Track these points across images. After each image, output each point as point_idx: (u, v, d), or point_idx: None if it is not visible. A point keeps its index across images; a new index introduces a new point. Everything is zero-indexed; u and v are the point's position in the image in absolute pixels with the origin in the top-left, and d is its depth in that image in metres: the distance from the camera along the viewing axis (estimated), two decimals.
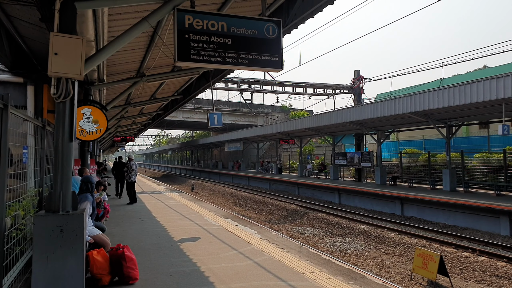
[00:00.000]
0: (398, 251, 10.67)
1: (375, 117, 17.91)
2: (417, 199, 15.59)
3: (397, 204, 16.77)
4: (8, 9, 4.88)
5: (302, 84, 33.62)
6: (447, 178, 17.07)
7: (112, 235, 7.27)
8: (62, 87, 3.71)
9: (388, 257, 10.28)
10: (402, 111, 16.23)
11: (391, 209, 17.14)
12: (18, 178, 4.33)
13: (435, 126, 17.22)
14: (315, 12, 6.28)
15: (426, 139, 27.38)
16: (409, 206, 16.31)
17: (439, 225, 14.12)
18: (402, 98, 16.41)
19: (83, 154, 9.05)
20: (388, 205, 17.40)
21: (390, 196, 17.11)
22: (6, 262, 3.53)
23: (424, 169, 22.35)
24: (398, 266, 9.38)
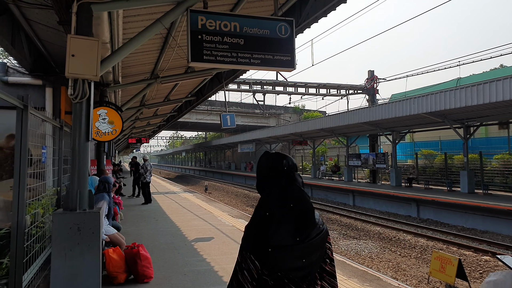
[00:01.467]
0: (414, 254, 10.50)
1: (390, 117, 17.67)
2: (434, 201, 15.34)
3: (413, 206, 16.52)
4: (28, 13, 5.02)
5: (315, 85, 33.49)
6: (465, 180, 16.71)
7: (128, 234, 7.37)
8: (79, 88, 3.80)
9: (404, 259, 10.13)
10: (418, 111, 15.97)
11: (407, 211, 16.90)
12: (38, 177, 4.44)
13: (452, 126, 16.91)
14: (328, 11, 6.26)
15: (443, 140, 26.89)
16: (425, 208, 16.05)
17: (457, 228, 13.87)
18: (417, 98, 16.16)
19: (99, 155, 9.19)
20: (403, 207, 17.16)
21: (405, 198, 16.87)
22: (26, 259, 3.63)
23: (440, 170, 21.96)
24: (415, 269, 9.22)
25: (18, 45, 5.71)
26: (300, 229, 1.55)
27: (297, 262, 1.52)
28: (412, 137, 30.77)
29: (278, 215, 1.55)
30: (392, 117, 17.55)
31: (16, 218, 3.34)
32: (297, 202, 1.60)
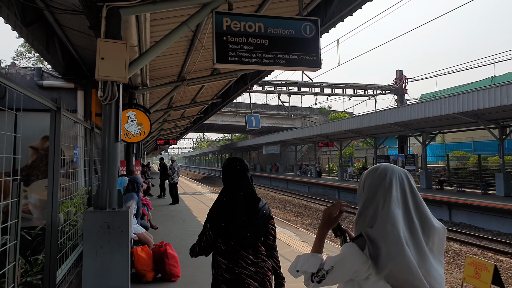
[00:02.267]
0: (446, 259, 10.17)
1: (420, 118, 17.22)
2: (467, 205, 14.81)
3: (444, 209, 16.06)
4: (61, 19, 5.23)
5: (341, 85, 33.15)
6: (501, 183, 16.01)
7: (156, 233, 7.52)
8: (108, 90, 3.91)
9: None
10: (449, 111, 15.49)
11: (438, 214, 16.37)
12: (70, 177, 4.60)
13: (486, 127, 16.25)
14: (354, 10, 6.19)
15: (476, 141, 25.99)
16: (457, 211, 15.54)
17: (493, 232, 13.34)
18: (448, 97, 15.67)
19: (128, 156, 9.42)
20: (434, 210, 16.62)
21: (436, 201, 16.40)
22: (60, 255, 3.76)
23: (474, 172, 21.21)
24: (447, 274, 8.93)
25: (52, 50, 5.95)
26: (247, 211, 2.27)
27: (244, 234, 2.24)
28: (443, 138, 29.92)
29: (232, 200, 2.29)
30: (421, 117, 17.10)
31: (50, 216, 3.46)
32: (245, 192, 2.32)
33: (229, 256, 2.28)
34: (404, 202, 1.45)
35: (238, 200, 2.29)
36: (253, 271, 2.29)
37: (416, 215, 1.43)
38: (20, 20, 4.46)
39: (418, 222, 1.41)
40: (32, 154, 5.51)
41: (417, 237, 1.38)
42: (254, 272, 2.29)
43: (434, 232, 1.42)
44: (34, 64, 25.79)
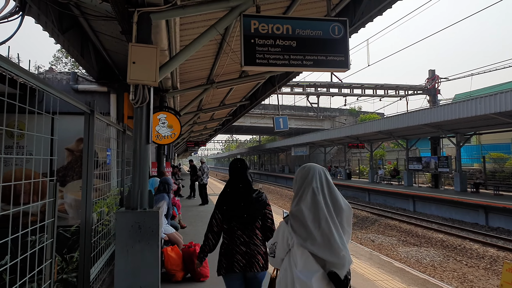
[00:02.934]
0: (482, 265, 9.80)
1: (453, 118, 16.61)
2: (505, 208, 14.17)
3: (481, 213, 15.40)
4: (95, 25, 5.42)
5: (371, 86, 32.51)
6: None
7: (185, 234, 7.62)
8: (139, 93, 4.01)
9: (471, 270, 9.48)
10: (485, 111, 14.83)
11: (474, 218, 15.79)
12: (103, 178, 4.75)
13: None
14: (384, 9, 6.07)
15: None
16: (495, 215, 14.87)
17: None
18: (484, 97, 15.00)
19: (159, 157, 9.62)
20: (469, 214, 16.06)
21: (472, 204, 15.78)
22: (94, 254, 3.89)
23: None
24: (483, 281, 8.58)
25: (87, 55, 6.17)
26: (244, 198, 2.90)
27: (241, 215, 2.84)
28: (478, 140, 28.82)
29: (233, 190, 2.97)
30: (455, 118, 16.50)
31: (84, 215, 3.59)
32: (244, 184, 2.97)
33: (228, 234, 2.90)
34: (322, 191, 2.08)
35: (237, 190, 2.96)
36: (243, 250, 2.82)
37: (330, 200, 2.07)
38: (57, 27, 4.66)
39: (331, 205, 2.05)
40: (67, 156, 5.74)
41: (333, 216, 2.01)
42: (244, 252, 2.82)
43: (342, 211, 2.07)
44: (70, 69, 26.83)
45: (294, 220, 2.05)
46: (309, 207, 2.02)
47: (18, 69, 2.08)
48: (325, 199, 2.06)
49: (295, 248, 2.02)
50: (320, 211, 2.00)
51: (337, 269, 1.94)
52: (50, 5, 4.34)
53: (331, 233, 1.95)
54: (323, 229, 1.96)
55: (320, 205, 2.02)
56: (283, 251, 2.10)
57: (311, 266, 1.97)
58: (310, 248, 1.96)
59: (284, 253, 2.10)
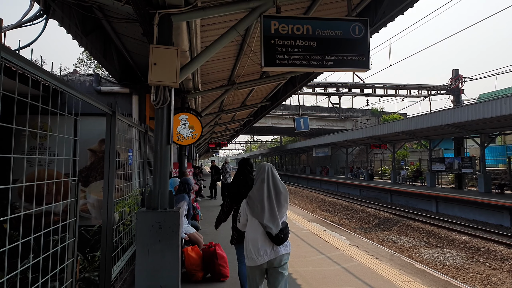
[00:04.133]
0: (507, 267, 9.54)
1: (477, 119, 16.18)
2: None
3: (505, 214, 14.99)
4: (117, 27, 5.50)
5: (394, 86, 31.96)
6: None
7: (206, 234, 7.66)
8: (160, 95, 4.05)
9: (494, 272, 9.23)
10: (510, 111, 14.38)
11: (498, 220, 15.39)
12: (125, 178, 4.82)
13: None
14: (405, 8, 5.94)
15: None
16: None
17: None
18: (509, 97, 14.53)
19: (181, 158, 9.70)
20: (494, 216, 15.64)
21: (496, 206, 15.36)
22: (115, 253, 3.94)
23: None
24: (508, 283, 8.36)
25: (109, 57, 6.28)
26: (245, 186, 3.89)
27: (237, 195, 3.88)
28: (504, 140, 27.93)
29: (238, 181, 4.03)
30: (479, 118, 16.07)
31: (106, 215, 3.64)
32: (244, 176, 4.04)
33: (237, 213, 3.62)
34: (267, 181, 3.15)
35: (240, 181, 4.11)
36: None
37: (272, 186, 3.14)
38: (80, 30, 4.75)
39: (273, 189, 3.13)
40: (90, 156, 5.86)
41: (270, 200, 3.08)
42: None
43: (281, 193, 3.14)
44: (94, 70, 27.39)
45: (249, 199, 3.22)
46: (257, 190, 3.16)
47: (40, 71, 2.12)
48: (269, 186, 3.16)
49: (249, 217, 3.20)
50: (264, 194, 3.13)
51: (269, 230, 3.05)
52: (73, 8, 4.44)
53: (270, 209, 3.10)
54: (263, 206, 3.10)
55: (263, 190, 3.13)
56: (244, 219, 3.28)
57: (257, 228, 3.10)
58: (255, 217, 3.12)
59: (245, 220, 3.27)
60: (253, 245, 3.10)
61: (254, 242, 3.09)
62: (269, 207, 3.09)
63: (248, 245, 3.15)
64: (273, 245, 3.08)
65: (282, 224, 3.11)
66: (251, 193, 3.18)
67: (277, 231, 3.05)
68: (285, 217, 3.20)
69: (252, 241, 3.11)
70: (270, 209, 3.09)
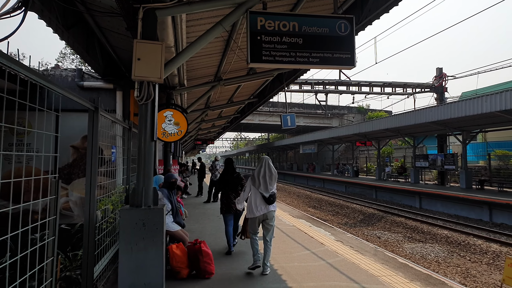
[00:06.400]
0: (485, 260, 9.82)
1: (460, 116, 16.60)
2: (509, 205, 14.18)
3: (485, 209, 15.43)
4: (100, 21, 5.40)
5: (379, 84, 32.23)
6: None
7: (191, 231, 7.61)
8: (144, 90, 3.99)
9: (474, 265, 9.48)
10: (491, 109, 14.80)
11: (478, 214, 15.82)
12: (108, 175, 4.74)
13: None
14: (390, 7, 5.99)
15: None
16: (498, 212, 14.90)
17: None
18: (490, 95, 14.96)
19: (166, 155, 9.61)
20: (474, 211, 16.06)
21: (476, 201, 15.80)
22: (98, 252, 3.88)
23: None
24: (486, 275, 8.59)
25: (92, 52, 6.16)
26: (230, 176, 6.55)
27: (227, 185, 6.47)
28: (484, 137, 28.56)
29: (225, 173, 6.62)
30: (462, 116, 16.49)
31: (88, 213, 3.58)
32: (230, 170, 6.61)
33: (225, 194, 6.39)
34: (265, 167, 5.17)
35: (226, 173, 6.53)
36: (231, 200, 6.23)
37: (267, 170, 5.15)
38: (62, 23, 4.64)
39: (267, 172, 5.15)
40: (73, 153, 5.74)
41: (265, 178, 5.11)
42: (231, 201, 6.23)
43: (273, 175, 5.16)
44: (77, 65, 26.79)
45: (252, 178, 5.20)
46: (258, 172, 5.13)
47: (17, 65, 2.05)
48: (265, 170, 5.14)
49: (252, 189, 5.17)
50: (261, 173, 5.10)
51: (264, 194, 5.06)
52: (54, 1, 4.33)
53: (264, 183, 5.06)
54: (259, 180, 5.08)
55: (261, 171, 5.13)
56: (248, 189, 5.26)
57: (257, 194, 5.09)
58: (256, 187, 5.11)
59: (249, 190, 5.24)
60: (254, 204, 5.09)
61: (255, 202, 5.09)
62: (264, 181, 5.10)
63: (251, 205, 5.14)
64: (266, 204, 5.07)
65: (271, 192, 5.10)
66: (254, 173, 5.18)
67: (268, 195, 5.06)
68: (274, 189, 5.18)
69: (254, 202, 5.11)
70: (264, 182, 5.10)
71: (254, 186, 5.13)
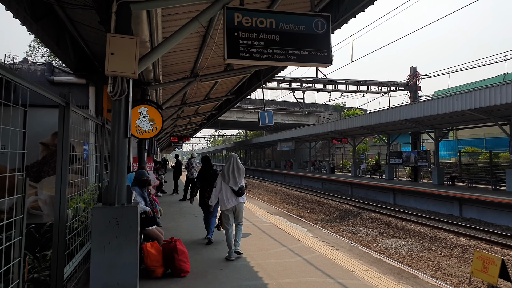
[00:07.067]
0: (455, 253, 10.15)
1: (432, 114, 17.10)
2: (477, 200, 14.68)
3: (455, 204, 15.93)
4: (72, 14, 5.22)
5: (355, 82, 32.65)
6: (511, 178, 15.89)
7: (167, 229, 7.52)
8: (118, 86, 3.89)
9: (444, 259, 9.78)
10: (461, 108, 15.33)
11: (449, 210, 16.31)
12: (80, 173, 4.61)
13: (498, 123, 16.04)
14: (366, 6, 6.06)
15: (488, 138, 25.67)
16: (468, 207, 15.43)
17: (502, 227, 13.16)
18: (461, 94, 15.50)
19: (140, 152, 9.45)
20: (445, 206, 16.56)
21: (447, 197, 16.28)
22: (68, 252, 3.76)
23: (485, 168, 21.06)
24: (456, 268, 8.88)
25: (63, 45, 5.95)
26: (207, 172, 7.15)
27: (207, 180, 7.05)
28: (455, 135, 29.48)
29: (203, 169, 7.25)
30: (434, 114, 16.98)
31: (58, 212, 3.46)
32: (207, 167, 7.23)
33: (202, 190, 7.06)
34: (233, 163, 5.79)
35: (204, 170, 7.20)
36: (207, 196, 6.77)
37: (236, 166, 5.79)
38: (30, 15, 4.45)
39: (235, 168, 5.78)
40: (42, 150, 5.54)
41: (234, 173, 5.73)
42: (207, 197, 6.74)
43: (241, 170, 5.83)
44: (47, 59, 25.79)
45: (222, 174, 5.77)
46: (228, 168, 5.75)
47: None
48: (233, 166, 5.74)
49: (223, 184, 5.75)
50: (230, 169, 5.72)
51: (233, 187, 5.68)
52: None
53: (234, 177, 5.71)
54: (230, 175, 5.70)
55: (230, 167, 5.74)
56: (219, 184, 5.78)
57: (227, 188, 5.71)
58: (226, 182, 5.72)
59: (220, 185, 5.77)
60: (226, 197, 5.70)
61: (226, 196, 5.70)
62: (233, 176, 5.72)
63: (222, 198, 5.72)
64: (236, 196, 5.70)
65: (240, 185, 5.74)
66: (224, 169, 5.77)
67: (237, 188, 5.71)
68: (242, 183, 5.81)
69: (225, 195, 5.71)
70: (233, 177, 5.71)
71: (224, 181, 5.73)
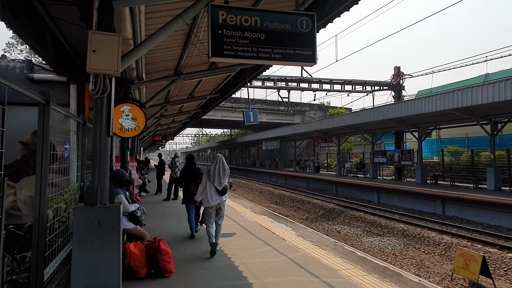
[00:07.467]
0: (438, 251, 10.35)
1: (416, 114, 17.43)
2: (459, 198, 15.01)
3: (438, 203, 16.25)
4: (52, 10, 5.10)
5: (340, 81, 32.90)
6: (492, 177, 16.36)
7: (150, 229, 7.45)
8: (100, 83, 3.82)
9: (427, 257, 9.97)
10: (444, 107, 15.68)
11: (432, 208, 16.64)
12: (61, 172, 4.51)
13: (479, 123, 16.49)
14: (350, 5, 6.09)
15: (470, 137, 26.27)
16: (450, 205, 15.75)
17: (483, 225, 13.52)
18: (443, 94, 15.84)
19: (123, 151, 9.31)
20: (428, 204, 16.88)
21: (430, 195, 16.60)
22: (48, 253, 3.68)
23: (467, 167, 21.54)
24: (438, 266, 9.08)
25: (43, 42, 5.80)
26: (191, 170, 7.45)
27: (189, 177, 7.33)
28: (438, 134, 30.03)
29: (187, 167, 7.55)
30: (418, 113, 17.31)
31: (38, 212, 3.38)
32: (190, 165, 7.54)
33: (186, 187, 7.31)
34: (218, 163, 6.15)
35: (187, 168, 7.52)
36: (192, 193, 7.11)
37: (221, 167, 6.14)
38: (8, 10, 4.33)
39: (221, 168, 6.14)
40: (21, 150, 5.41)
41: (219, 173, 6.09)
42: (192, 193, 7.08)
43: (226, 170, 6.19)
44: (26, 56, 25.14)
45: (207, 173, 6.13)
46: (213, 168, 6.10)
47: None
48: (219, 166, 6.11)
49: (208, 183, 6.08)
50: (215, 169, 6.08)
51: (217, 187, 6.02)
52: None
53: (219, 177, 6.06)
54: (215, 175, 6.06)
55: (215, 167, 6.09)
56: (204, 182, 6.13)
57: (211, 187, 6.04)
58: (210, 181, 6.06)
59: (205, 183, 6.10)
60: (210, 195, 6.01)
61: (210, 194, 6.01)
62: (218, 176, 6.05)
63: (206, 196, 6.03)
64: (219, 195, 6.03)
65: (224, 185, 6.07)
66: (210, 168, 6.08)
67: (221, 188, 6.03)
68: (225, 183, 6.15)
69: (209, 194, 6.01)
70: (218, 177, 6.05)
71: (210, 180, 6.06)
